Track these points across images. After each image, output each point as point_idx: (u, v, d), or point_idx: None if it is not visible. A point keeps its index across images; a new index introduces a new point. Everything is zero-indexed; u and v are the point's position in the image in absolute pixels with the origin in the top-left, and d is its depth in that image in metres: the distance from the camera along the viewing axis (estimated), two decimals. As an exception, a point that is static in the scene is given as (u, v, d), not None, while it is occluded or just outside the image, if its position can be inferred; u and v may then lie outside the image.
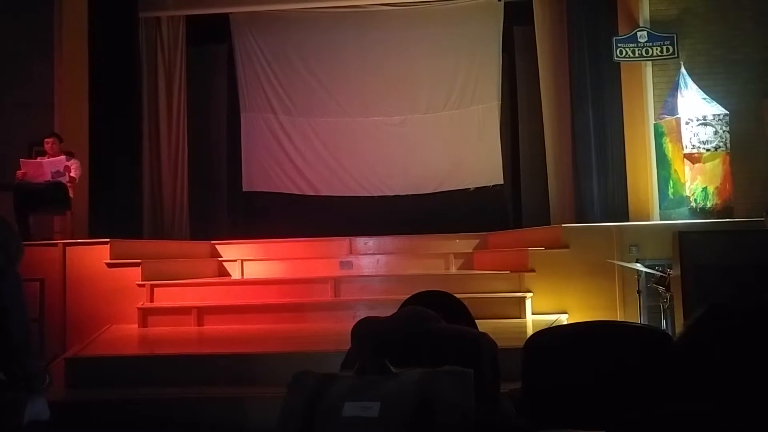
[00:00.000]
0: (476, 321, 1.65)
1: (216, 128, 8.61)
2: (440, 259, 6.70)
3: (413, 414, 0.96)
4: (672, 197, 6.43)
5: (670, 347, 1.56)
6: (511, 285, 5.56)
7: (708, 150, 6.27)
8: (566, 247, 5.60)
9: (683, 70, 6.59)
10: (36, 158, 6.45)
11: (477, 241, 6.99)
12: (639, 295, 4.95)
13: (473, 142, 8.13)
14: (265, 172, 8.33)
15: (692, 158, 6.27)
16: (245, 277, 6.57)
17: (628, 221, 6.45)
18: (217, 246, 7.09)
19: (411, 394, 0.98)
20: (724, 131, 6.28)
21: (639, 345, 1.75)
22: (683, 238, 3.67)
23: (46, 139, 6.35)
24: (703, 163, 6.26)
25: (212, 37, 8.47)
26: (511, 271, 5.70)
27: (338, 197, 8.20)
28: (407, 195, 8.10)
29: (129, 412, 3.74)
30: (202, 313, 5.40)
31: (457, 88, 8.17)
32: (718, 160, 6.27)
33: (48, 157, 6.31)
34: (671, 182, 6.43)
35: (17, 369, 2.47)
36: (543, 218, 7.36)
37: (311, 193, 8.25)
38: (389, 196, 8.14)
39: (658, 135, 6.63)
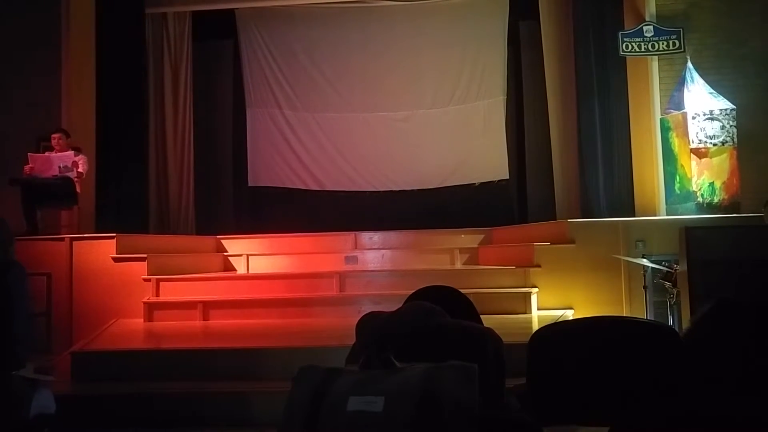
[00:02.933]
0: (481, 316, 1.65)
1: (221, 123, 8.63)
2: (445, 254, 6.70)
3: (417, 409, 0.96)
4: (678, 192, 6.40)
5: (677, 343, 1.55)
6: (516, 280, 5.56)
7: (715, 145, 6.23)
8: (572, 242, 5.59)
9: (690, 64, 6.54)
10: (44, 153, 6.48)
11: (482, 236, 6.98)
12: (645, 291, 4.94)
13: (478, 137, 8.11)
14: (271, 167, 8.34)
15: (699, 153, 6.23)
16: (250, 271, 6.59)
17: (634, 216, 6.42)
18: (222, 241, 7.12)
19: (415, 389, 0.98)
20: (731, 126, 6.24)
21: (645, 341, 1.74)
22: (690, 233, 3.65)
23: (53, 135, 6.37)
24: (710, 157, 6.23)
25: (218, 33, 8.48)
26: (516, 267, 5.69)
27: (343, 192, 8.21)
28: (412, 190, 8.10)
29: (134, 405, 3.76)
30: (207, 307, 5.42)
31: (463, 83, 8.15)
32: (725, 155, 6.23)
33: (56, 152, 6.34)
34: (678, 177, 6.40)
35: (12, 359, 2.48)
36: (548, 213, 7.34)
37: (316, 188, 8.26)
38: (394, 191, 8.14)
39: (665, 130, 6.59)
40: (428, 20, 8.12)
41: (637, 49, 6.79)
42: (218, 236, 7.18)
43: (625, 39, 6.78)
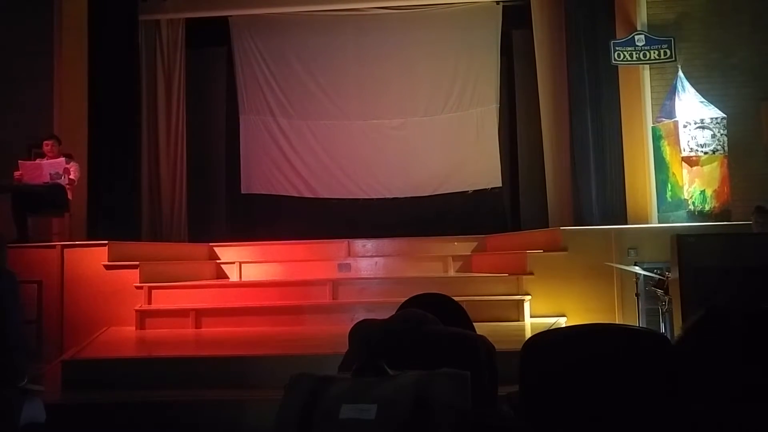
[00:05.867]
0: (474, 324, 1.65)
1: (215, 130, 8.61)
2: (439, 262, 6.70)
3: (410, 416, 0.96)
4: (670, 200, 6.44)
5: (669, 350, 1.56)
6: (509, 288, 5.56)
7: (706, 153, 6.28)
8: (565, 249, 5.61)
9: (681, 73, 6.61)
10: (35, 159, 6.44)
11: (475, 243, 6.99)
12: (637, 298, 4.95)
13: (472, 145, 8.13)
14: (264, 174, 8.33)
15: (690, 161, 6.29)
16: (243, 279, 6.56)
17: (626, 224, 6.46)
18: (215, 248, 7.08)
19: (408, 396, 0.98)
20: (721, 134, 6.30)
21: (637, 348, 1.75)
22: (681, 241, 3.67)
23: (45, 141, 6.34)
24: (701, 166, 6.28)
25: (211, 40, 8.48)
26: (509, 274, 5.70)
27: (337, 199, 8.20)
28: (406, 197, 8.10)
29: (126, 414, 3.73)
30: (199, 315, 5.39)
31: (456, 91, 8.18)
32: (715, 163, 6.28)
33: (47, 159, 6.31)
34: (669, 185, 6.44)
35: (11, 370, 2.46)
36: (541, 221, 7.36)
37: (310, 195, 8.25)
38: (388, 199, 8.15)
39: (656, 138, 6.64)
40: (422, 28, 8.16)
41: (629, 58, 6.85)
42: (211, 244, 7.15)
43: (617, 48, 6.84)
